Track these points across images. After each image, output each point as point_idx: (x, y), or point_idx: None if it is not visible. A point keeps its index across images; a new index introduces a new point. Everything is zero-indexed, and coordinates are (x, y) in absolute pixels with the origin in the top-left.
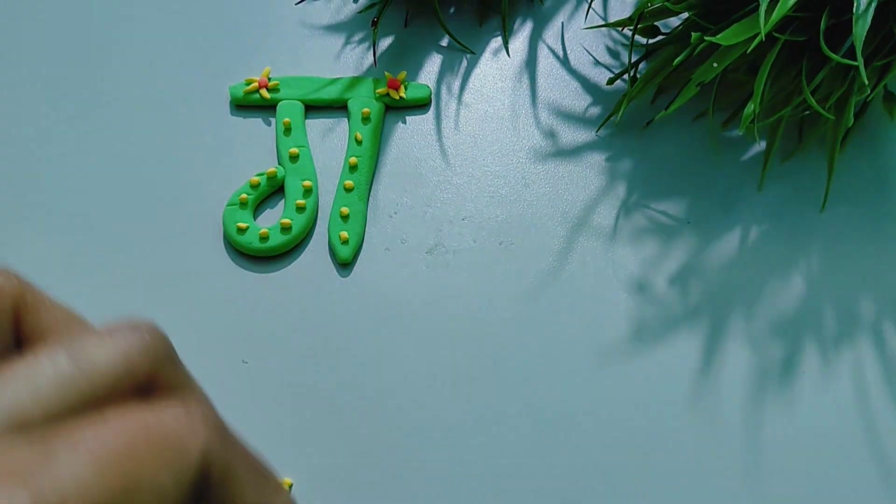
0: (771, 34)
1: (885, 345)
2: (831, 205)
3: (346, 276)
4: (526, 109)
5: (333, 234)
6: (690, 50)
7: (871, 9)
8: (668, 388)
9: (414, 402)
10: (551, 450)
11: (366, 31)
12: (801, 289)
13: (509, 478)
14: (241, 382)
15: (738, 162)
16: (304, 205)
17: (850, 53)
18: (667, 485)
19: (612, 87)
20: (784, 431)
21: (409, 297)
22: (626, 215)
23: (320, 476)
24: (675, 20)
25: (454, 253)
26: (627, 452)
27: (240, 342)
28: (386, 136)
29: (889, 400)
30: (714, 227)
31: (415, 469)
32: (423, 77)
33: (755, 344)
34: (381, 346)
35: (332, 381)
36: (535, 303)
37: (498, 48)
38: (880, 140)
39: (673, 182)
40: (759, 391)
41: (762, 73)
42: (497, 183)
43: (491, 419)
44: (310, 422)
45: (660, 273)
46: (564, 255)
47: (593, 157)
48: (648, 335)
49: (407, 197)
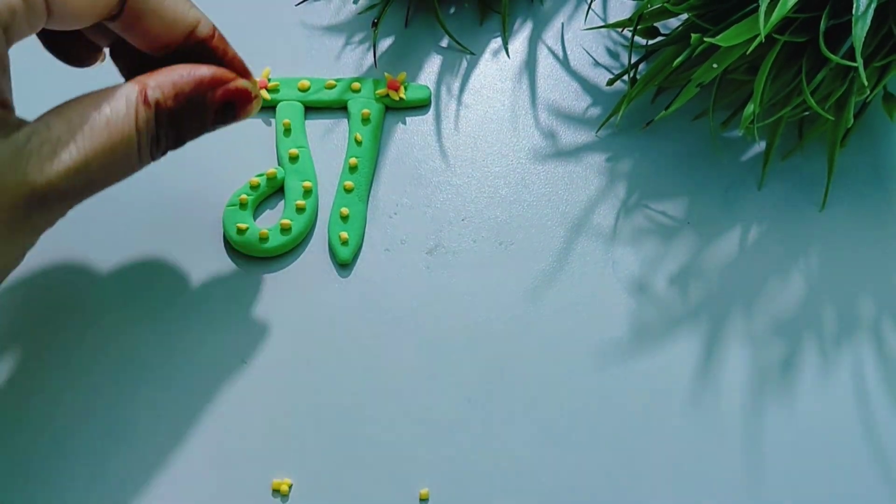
0: (771, 35)
1: (885, 345)
2: (831, 204)
3: (346, 277)
4: (526, 110)
5: (333, 235)
6: (690, 51)
7: (870, 10)
8: (668, 388)
9: (414, 402)
10: (551, 449)
11: (366, 32)
12: (801, 288)
13: (509, 477)
14: (241, 382)
15: (737, 162)
16: (304, 205)
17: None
18: (667, 484)
19: (611, 88)
20: (784, 431)
21: (409, 298)
22: (626, 215)
23: (320, 476)
24: (675, 21)
25: (454, 253)
26: (627, 452)
27: (240, 342)
28: (386, 136)
29: (889, 400)
30: (714, 227)
31: (415, 469)
32: (423, 78)
33: (755, 344)
34: (382, 346)
35: (332, 381)
36: (535, 303)
37: (498, 49)
38: (880, 140)
39: (673, 182)
40: (759, 391)
41: (762, 73)
42: (497, 183)
43: (491, 419)
44: (310, 422)
45: (660, 273)
46: (564, 255)
47: (593, 157)
48: (648, 335)
49: (407, 197)
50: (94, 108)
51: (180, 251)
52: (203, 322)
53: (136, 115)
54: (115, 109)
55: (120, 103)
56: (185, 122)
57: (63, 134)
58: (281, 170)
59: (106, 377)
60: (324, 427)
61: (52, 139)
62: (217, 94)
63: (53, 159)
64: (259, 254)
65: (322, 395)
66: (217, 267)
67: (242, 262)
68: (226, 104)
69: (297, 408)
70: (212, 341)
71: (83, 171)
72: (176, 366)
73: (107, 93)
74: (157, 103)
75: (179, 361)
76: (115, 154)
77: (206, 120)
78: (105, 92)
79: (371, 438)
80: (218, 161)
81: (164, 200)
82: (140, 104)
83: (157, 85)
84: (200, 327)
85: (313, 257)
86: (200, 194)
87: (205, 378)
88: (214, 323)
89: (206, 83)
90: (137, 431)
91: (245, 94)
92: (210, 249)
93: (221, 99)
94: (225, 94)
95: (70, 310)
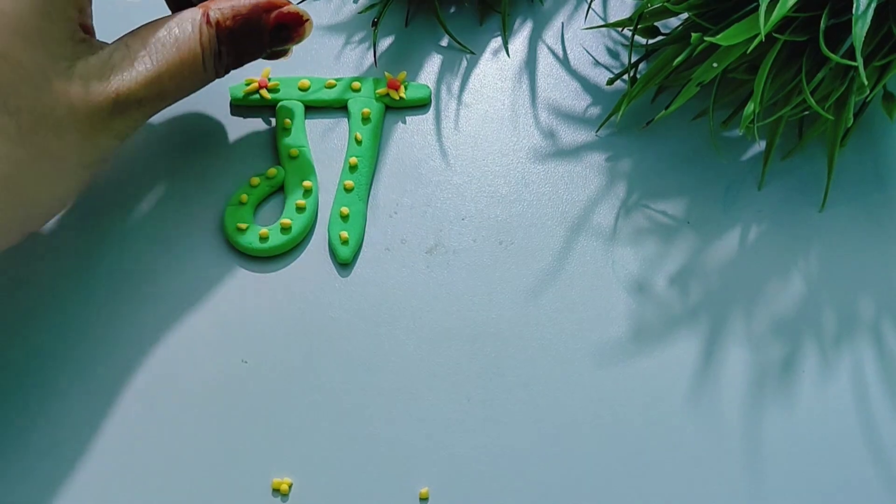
0: (771, 34)
1: (885, 345)
2: (831, 204)
3: (346, 276)
4: (526, 109)
5: (333, 234)
6: (690, 50)
7: (870, 9)
8: (668, 388)
9: (414, 401)
10: (551, 449)
11: (366, 32)
12: (801, 288)
13: (509, 477)
14: (241, 382)
15: (737, 162)
16: (304, 205)
17: (849, 53)
18: (667, 484)
19: (612, 88)
20: (784, 431)
21: (409, 297)
22: (626, 215)
23: (320, 476)
24: (675, 20)
25: (454, 253)
26: (627, 452)
27: (240, 342)
28: (386, 136)
29: (889, 400)
30: (714, 227)
31: (415, 468)
32: (423, 77)
33: (755, 344)
34: (381, 345)
35: (332, 381)
36: (535, 302)
37: (498, 48)
38: (880, 139)
39: (673, 182)
40: (759, 391)
41: (762, 72)
42: (497, 183)
43: (491, 419)
44: (310, 422)
45: (660, 273)
46: (564, 255)
47: (593, 156)
48: (648, 335)
49: (407, 197)
50: (164, 29)
51: (180, 250)
52: (203, 322)
53: (199, 33)
54: (183, 29)
55: (186, 24)
56: (244, 41)
57: (139, 51)
58: (281, 169)
59: (105, 376)
60: (324, 426)
61: (130, 55)
62: (272, 17)
63: (132, 71)
64: (259, 253)
65: (322, 394)
66: (217, 266)
67: (242, 261)
68: (279, 26)
69: (297, 407)
70: (212, 341)
71: (156, 82)
72: (176, 365)
73: (175, 16)
74: (217, 23)
75: (179, 361)
76: (184, 67)
77: (262, 40)
78: (174, 16)
79: (371, 437)
80: (218, 160)
81: (164, 200)
82: (203, 24)
83: (218, 7)
84: (200, 327)
85: (313, 257)
86: (200, 194)
87: (205, 378)
88: (214, 323)
89: (262, 6)
90: (137, 431)
91: (297, 17)
92: (210, 249)
93: (276, 21)
94: (279, 17)
95: (70, 309)
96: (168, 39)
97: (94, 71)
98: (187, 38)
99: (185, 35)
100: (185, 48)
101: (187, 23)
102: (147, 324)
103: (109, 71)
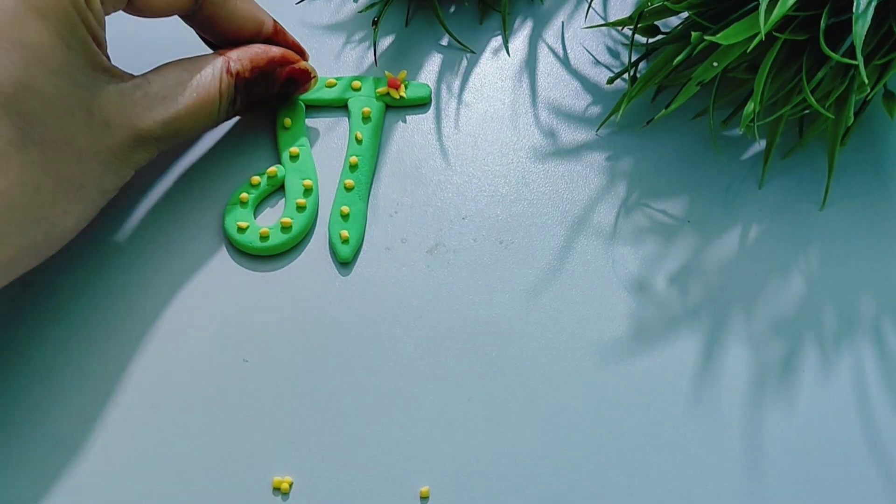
0: (771, 33)
1: (885, 344)
2: (831, 203)
3: (346, 276)
4: (526, 108)
5: (334, 234)
6: (690, 49)
7: (871, 7)
8: (669, 388)
9: (414, 401)
10: (551, 449)
11: (366, 31)
12: (801, 288)
13: (509, 476)
14: (241, 382)
15: (738, 161)
16: (305, 204)
17: (849, 52)
18: (667, 484)
19: (612, 87)
20: (784, 431)
21: (409, 296)
22: (627, 214)
23: (321, 475)
24: (675, 20)
25: (454, 252)
26: (627, 452)
27: (240, 341)
28: (386, 135)
29: (889, 400)
30: (714, 226)
31: (415, 467)
32: (424, 76)
33: (755, 344)
34: (382, 345)
35: (333, 381)
36: (535, 302)
37: (498, 47)
38: (880, 138)
39: (673, 181)
40: (759, 391)
41: (762, 71)
42: (497, 182)
43: (491, 418)
44: (310, 422)
45: (660, 272)
46: (565, 255)
47: (593, 156)
48: (648, 334)
49: (407, 196)
50: (186, 71)
51: (180, 250)
52: (203, 320)
53: (220, 81)
54: (204, 75)
55: (207, 71)
56: (256, 90)
57: (161, 90)
58: (281, 168)
59: (106, 375)
60: (324, 425)
61: (152, 94)
62: (284, 71)
63: (151, 111)
64: (259, 252)
65: (322, 393)
66: (217, 265)
67: (243, 260)
68: (290, 79)
69: (297, 406)
70: (212, 340)
71: (174, 122)
72: (176, 364)
73: (198, 60)
74: (237, 73)
75: (180, 359)
76: (201, 111)
77: (272, 90)
78: (197, 59)
79: (371, 436)
80: (218, 160)
81: (165, 199)
82: (224, 73)
83: (238, 58)
84: (201, 326)
85: (314, 256)
86: (200, 193)
87: (205, 377)
88: (215, 321)
89: (277, 61)
90: (138, 430)
91: (306, 73)
92: (210, 248)
93: (287, 75)
94: (290, 71)
95: (70, 309)
96: (190, 83)
97: (114, 106)
98: (207, 84)
99: (206, 80)
100: (204, 93)
101: (209, 69)
102: (147, 322)
103: (130, 107)
